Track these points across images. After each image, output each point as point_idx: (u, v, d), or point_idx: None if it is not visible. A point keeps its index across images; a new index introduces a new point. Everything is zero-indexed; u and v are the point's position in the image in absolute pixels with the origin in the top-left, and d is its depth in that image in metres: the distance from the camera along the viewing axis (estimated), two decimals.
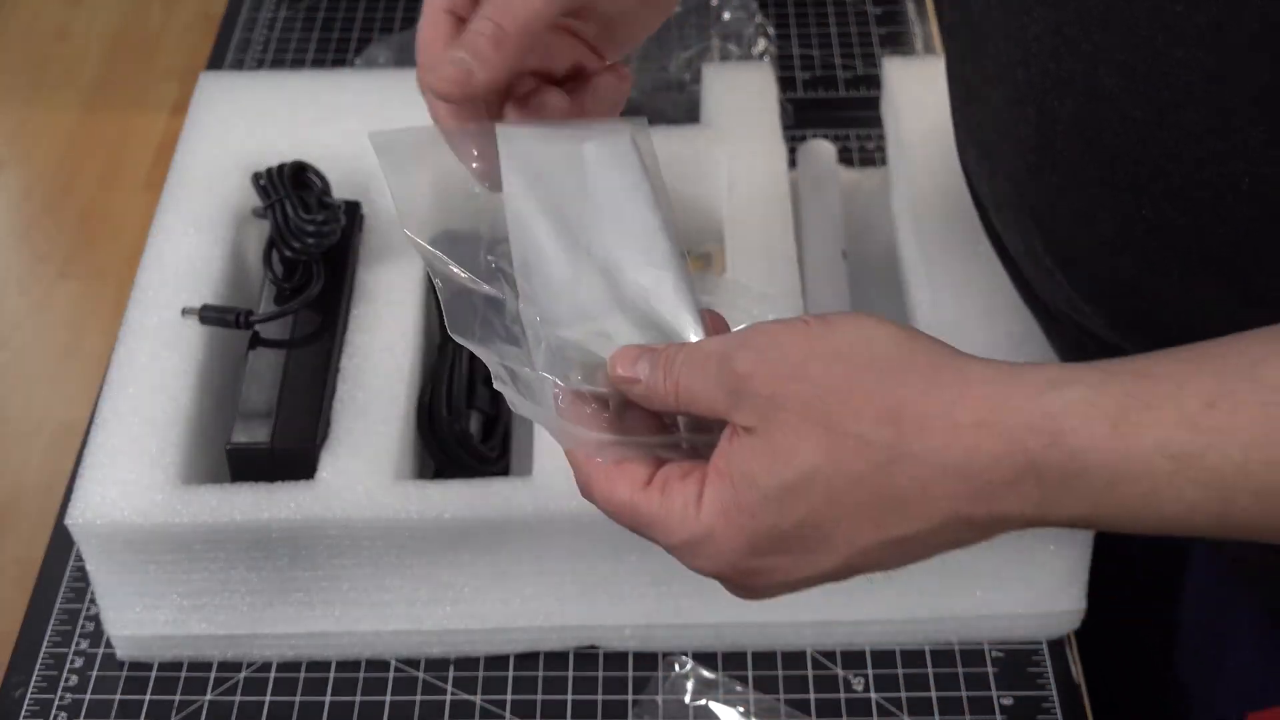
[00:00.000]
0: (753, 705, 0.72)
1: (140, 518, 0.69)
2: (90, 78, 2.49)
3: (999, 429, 0.43)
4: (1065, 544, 0.73)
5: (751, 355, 0.47)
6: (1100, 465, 0.43)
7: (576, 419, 0.50)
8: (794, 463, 0.45)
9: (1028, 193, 0.59)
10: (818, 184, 0.90)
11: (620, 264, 0.52)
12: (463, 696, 0.74)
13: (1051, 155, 0.56)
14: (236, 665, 0.75)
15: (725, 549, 0.47)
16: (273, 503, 0.70)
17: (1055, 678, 0.73)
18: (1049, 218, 0.58)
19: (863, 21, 1.15)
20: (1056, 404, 0.43)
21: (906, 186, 0.84)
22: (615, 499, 0.49)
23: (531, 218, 0.53)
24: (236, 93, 0.90)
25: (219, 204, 0.83)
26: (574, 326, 0.51)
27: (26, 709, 0.73)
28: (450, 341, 0.79)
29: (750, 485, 0.46)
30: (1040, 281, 0.63)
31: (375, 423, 0.73)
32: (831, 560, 0.47)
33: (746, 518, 0.46)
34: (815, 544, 0.47)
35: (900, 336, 0.47)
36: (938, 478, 0.44)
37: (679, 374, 0.48)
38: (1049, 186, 0.57)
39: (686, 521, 0.48)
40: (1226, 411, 0.42)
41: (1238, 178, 0.49)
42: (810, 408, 0.45)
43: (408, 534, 0.70)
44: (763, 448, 0.46)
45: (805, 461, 0.45)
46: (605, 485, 0.50)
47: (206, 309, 0.76)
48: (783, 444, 0.46)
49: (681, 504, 0.48)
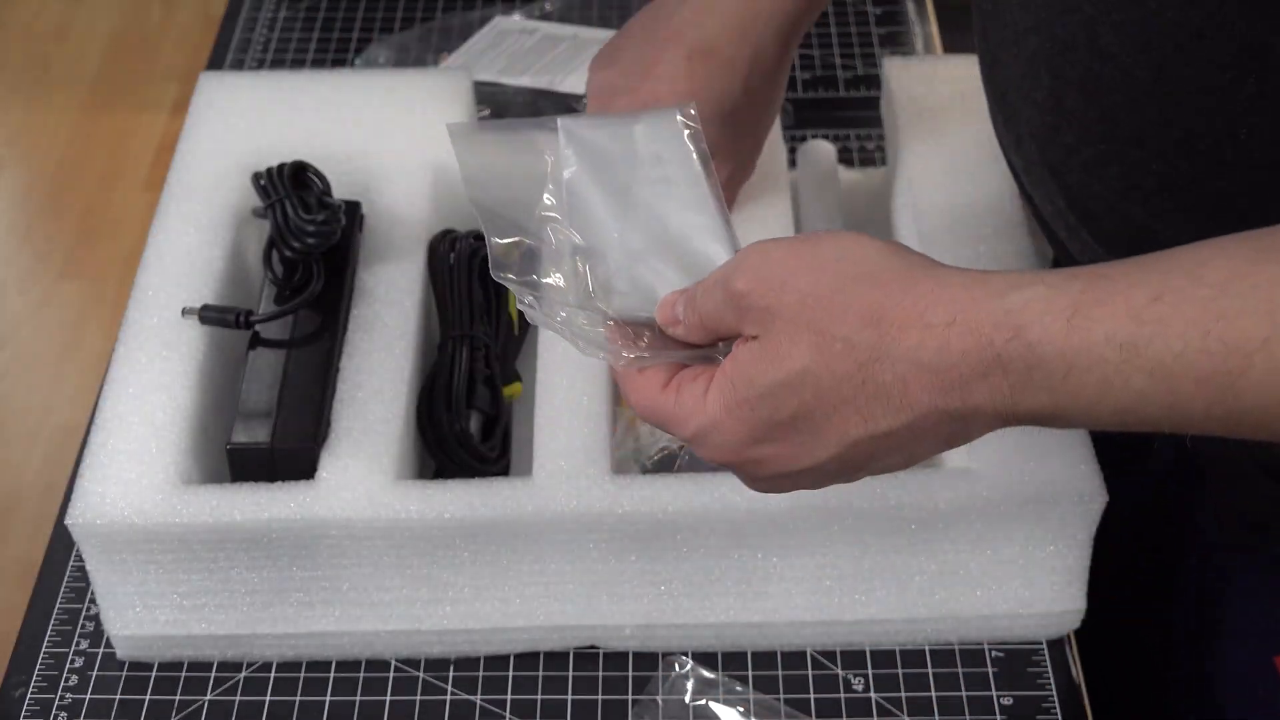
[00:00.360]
0: (753, 705, 0.72)
1: (140, 518, 0.69)
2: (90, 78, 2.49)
3: (967, 326, 0.48)
4: (1065, 544, 0.73)
5: (748, 274, 0.53)
6: (1056, 356, 0.47)
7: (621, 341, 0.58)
8: (786, 364, 0.51)
9: (1048, 152, 0.62)
10: (818, 184, 0.90)
11: (665, 214, 0.60)
12: (463, 696, 0.74)
13: (1064, 115, 0.59)
14: (236, 665, 0.75)
15: (730, 438, 0.53)
16: (273, 503, 0.70)
17: (1055, 678, 0.73)
18: (1067, 174, 0.62)
19: (863, 21, 1.15)
20: (1018, 301, 0.48)
21: (906, 186, 0.84)
22: (640, 401, 0.56)
23: (586, 185, 0.60)
24: (236, 93, 0.90)
25: (219, 204, 0.83)
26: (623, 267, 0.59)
27: (27, 709, 0.74)
28: (450, 341, 0.79)
29: (749, 383, 0.52)
30: (1071, 241, 0.66)
31: (375, 423, 0.73)
32: (826, 450, 0.52)
33: (746, 410, 0.52)
34: (808, 435, 0.52)
35: (882, 248, 0.52)
36: (915, 372, 0.49)
37: (699, 305, 0.55)
38: (1064, 145, 0.61)
39: (695, 414, 0.54)
40: (1169, 305, 0.46)
41: (1234, 129, 0.53)
42: (800, 314, 0.51)
43: (408, 534, 0.70)
44: (760, 351, 0.52)
45: (796, 362, 0.51)
46: (632, 391, 0.57)
47: (206, 309, 0.77)
48: (777, 348, 0.51)
49: (692, 400, 0.54)
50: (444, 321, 0.80)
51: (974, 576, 0.73)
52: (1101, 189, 0.60)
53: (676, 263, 0.59)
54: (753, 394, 0.52)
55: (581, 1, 1.16)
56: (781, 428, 0.52)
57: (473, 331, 0.80)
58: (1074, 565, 0.73)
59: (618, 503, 0.70)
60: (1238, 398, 0.45)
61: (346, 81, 0.91)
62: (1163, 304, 0.46)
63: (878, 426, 0.51)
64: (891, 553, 0.72)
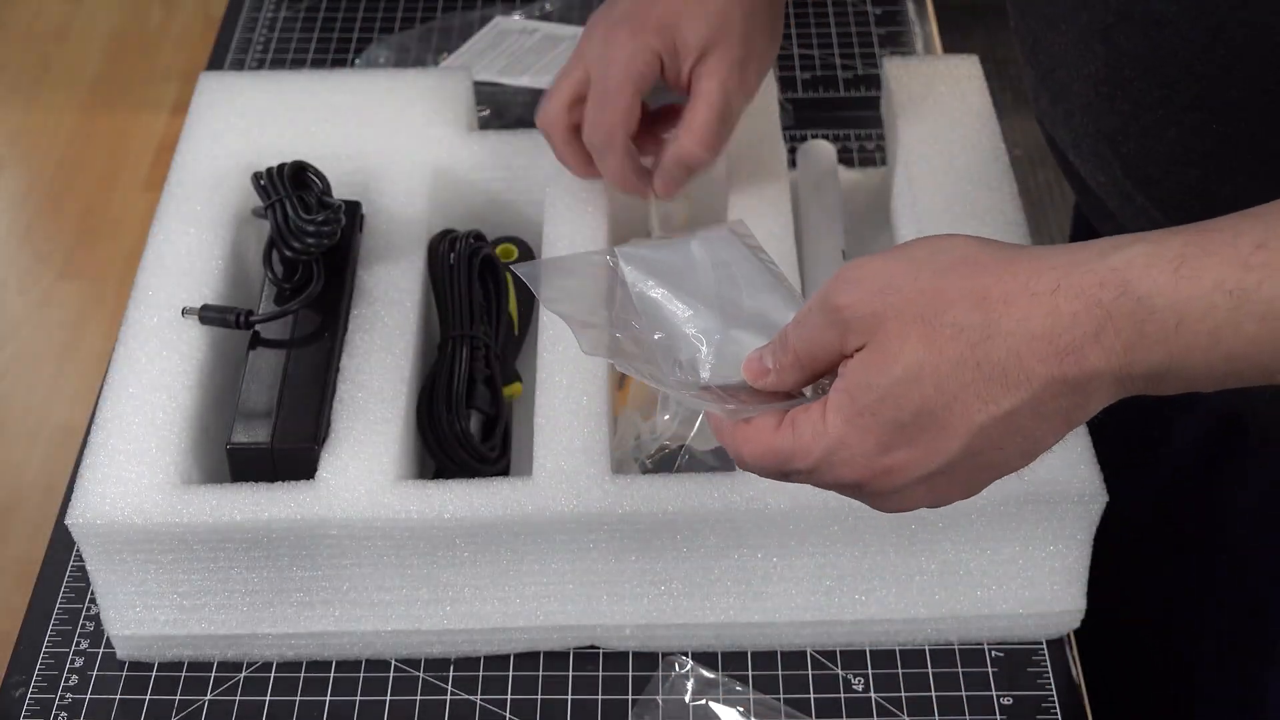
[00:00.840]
0: (753, 705, 0.72)
1: (140, 518, 0.69)
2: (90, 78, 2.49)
3: (1073, 290, 0.48)
4: (1065, 544, 0.73)
5: (847, 288, 0.52)
6: (1167, 308, 0.47)
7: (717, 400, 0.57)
8: (901, 359, 0.50)
9: (1103, 122, 0.64)
10: (818, 184, 0.90)
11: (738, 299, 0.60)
12: (463, 696, 0.74)
13: (1120, 84, 0.61)
14: (236, 665, 0.75)
15: (858, 451, 0.52)
16: (273, 503, 0.70)
17: (1055, 678, 0.73)
18: (1123, 142, 0.63)
19: (863, 21, 1.15)
20: (1120, 260, 0.48)
21: (906, 186, 0.84)
22: (755, 451, 0.54)
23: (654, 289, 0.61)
24: (236, 93, 0.90)
25: (219, 204, 0.83)
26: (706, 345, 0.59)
27: (27, 709, 0.74)
28: (450, 341, 0.79)
29: (866, 389, 0.51)
30: (1123, 210, 0.67)
31: (375, 423, 0.73)
32: (954, 443, 0.51)
33: (869, 417, 0.51)
34: (935, 430, 0.51)
35: (971, 239, 0.52)
36: (1028, 344, 0.49)
37: (793, 342, 0.54)
38: (1120, 113, 0.62)
39: (818, 438, 0.53)
40: (1276, 250, 0.46)
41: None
42: (906, 311, 0.50)
43: (408, 534, 0.70)
44: (871, 356, 0.51)
45: (910, 356, 0.50)
46: (743, 443, 0.55)
47: (206, 309, 0.77)
48: (888, 347, 0.51)
49: (810, 428, 0.53)
50: (444, 321, 0.80)
51: (974, 576, 0.73)
52: (1161, 152, 0.61)
53: (758, 332, 0.58)
54: (873, 399, 0.51)
55: (581, 1, 1.16)
56: (907, 429, 0.51)
57: (473, 331, 0.80)
58: (1074, 565, 0.73)
59: (618, 503, 0.70)
60: None
61: (346, 81, 0.91)
62: (1268, 250, 0.46)
63: (1000, 407, 0.50)
64: (891, 553, 0.72)
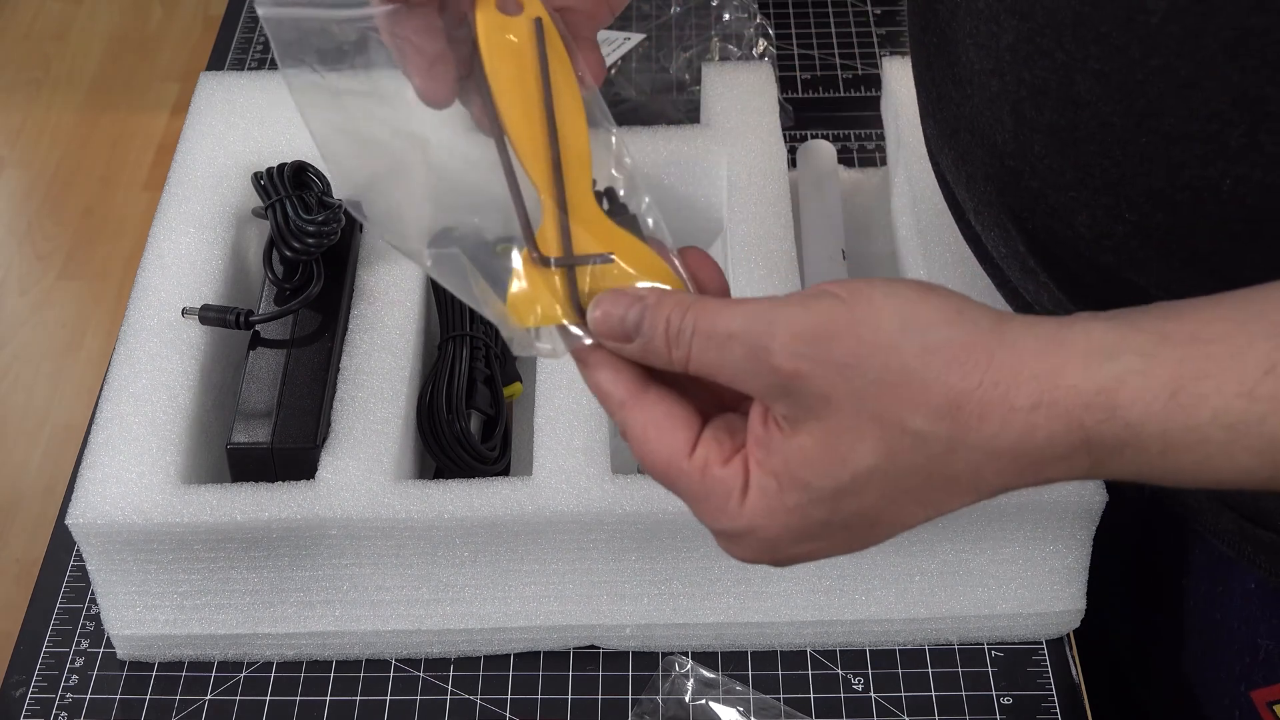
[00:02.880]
0: (753, 705, 0.72)
1: (140, 518, 0.69)
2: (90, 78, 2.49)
3: (1055, 410, 0.43)
4: (1065, 544, 0.73)
5: (797, 349, 0.45)
6: (1155, 436, 0.42)
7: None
8: (850, 464, 0.45)
9: (1008, 196, 0.59)
10: (818, 184, 0.90)
11: None
12: (463, 696, 0.74)
13: (1030, 160, 0.56)
14: (236, 665, 0.75)
15: (768, 543, 0.47)
16: (273, 503, 0.70)
17: (1055, 678, 0.73)
18: (1030, 219, 0.58)
19: (863, 21, 1.15)
20: (1111, 377, 0.43)
21: (906, 186, 0.84)
22: (656, 467, 0.48)
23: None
24: (236, 93, 0.90)
25: (219, 204, 0.83)
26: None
27: (27, 709, 0.74)
28: (450, 341, 0.79)
29: (801, 488, 0.45)
30: (1024, 282, 0.63)
31: (375, 423, 0.73)
32: (876, 537, 0.47)
33: (795, 517, 0.46)
34: (862, 529, 0.47)
35: (949, 313, 0.45)
36: (989, 460, 0.44)
37: (693, 350, 0.46)
38: (1028, 190, 0.57)
39: (727, 512, 0.47)
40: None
41: (1218, 180, 0.50)
42: (864, 404, 0.44)
43: (408, 534, 0.70)
44: (814, 449, 0.45)
45: (861, 462, 0.45)
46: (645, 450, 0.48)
47: (206, 309, 0.77)
48: (836, 445, 0.45)
49: (723, 494, 0.47)
50: (444, 321, 0.81)
51: (974, 576, 0.73)
52: (1069, 236, 0.56)
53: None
54: (805, 499, 0.46)
55: None
56: (832, 526, 0.46)
57: (473, 331, 0.80)
58: (1074, 565, 0.73)
59: (618, 503, 0.70)
60: None
61: None
62: (1275, 377, 0.41)
63: (938, 509, 0.46)
64: (891, 553, 0.72)
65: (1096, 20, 0.49)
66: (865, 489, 0.45)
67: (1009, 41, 0.53)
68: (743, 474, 0.47)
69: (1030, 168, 0.56)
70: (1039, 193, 0.56)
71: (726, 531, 0.48)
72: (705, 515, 0.48)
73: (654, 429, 0.48)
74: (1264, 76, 0.46)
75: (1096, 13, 0.49)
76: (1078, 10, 0.50)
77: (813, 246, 0.86)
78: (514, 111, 0.52)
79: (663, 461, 0.47)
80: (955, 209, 0.68)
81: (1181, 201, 0.51)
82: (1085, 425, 0.43)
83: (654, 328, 0.47)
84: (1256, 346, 0.42)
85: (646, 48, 1.08)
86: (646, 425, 0.48)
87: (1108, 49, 0.50)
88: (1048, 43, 0.52)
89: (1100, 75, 0.50)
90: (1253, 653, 0.71)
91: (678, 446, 0.47)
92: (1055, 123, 0.53)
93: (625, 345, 0.48)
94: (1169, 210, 0.52)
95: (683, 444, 0.47)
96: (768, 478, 0.46)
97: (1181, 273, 0.53)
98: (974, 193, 0.62)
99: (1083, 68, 0.51)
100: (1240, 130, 0.48)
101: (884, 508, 0.46)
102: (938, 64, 0.61)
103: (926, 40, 0.62)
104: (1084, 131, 0.52)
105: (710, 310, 0.46)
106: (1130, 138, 0.51)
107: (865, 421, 0.44)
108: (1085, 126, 0.52)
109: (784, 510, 0.46)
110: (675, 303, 0.47)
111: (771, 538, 0.47)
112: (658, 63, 1.06)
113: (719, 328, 0.46)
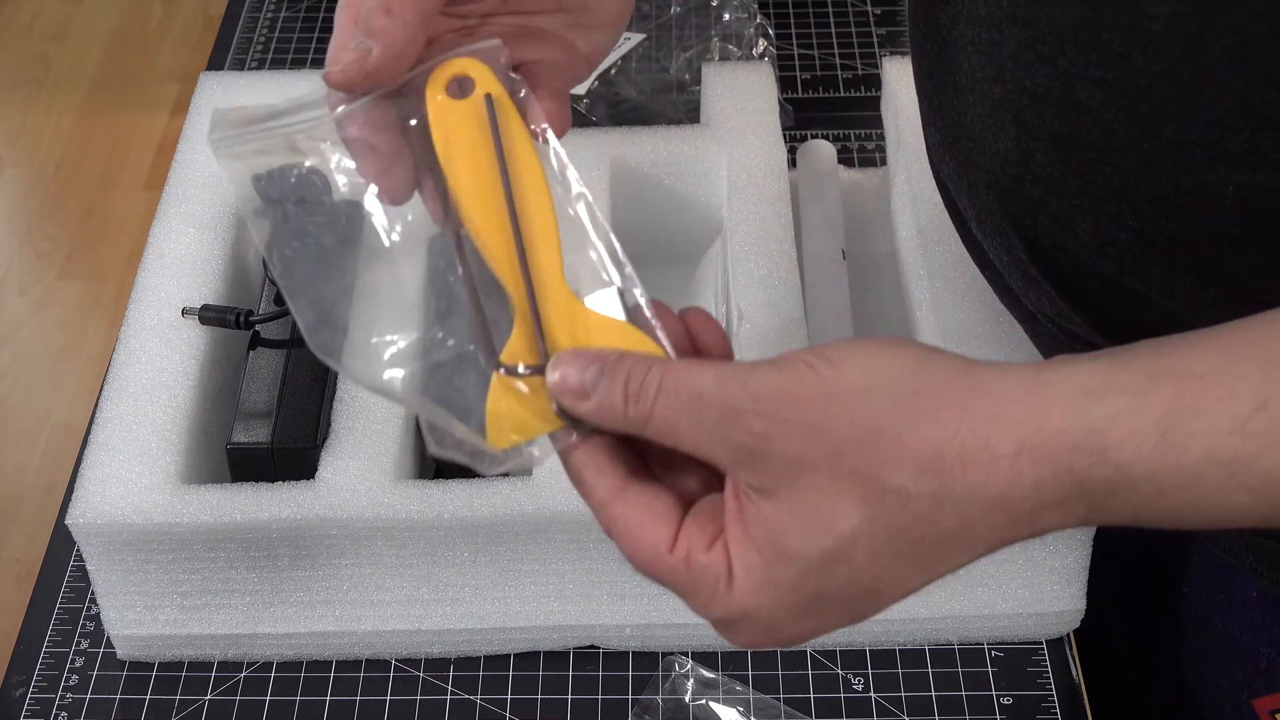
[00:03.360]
0: (753, 705, 0.72)
1: (140, 518, 0.69)
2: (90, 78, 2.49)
3: (1041, 453, 0.42)
4: (1065, 544, 0.73)
5: (766, 413, 0.43)
6: (1147, 478, 0.41)
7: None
8: (833, 528, 0.43)
9: (1010, 204, 0.58)
10: (818, 184, 0.90)
11: None
12: (463, 696, 0.74)
13: (1032, 168, 0.55)
14: (236, 665, 0.75)
15: (765, 624, 0.46)
16: (273, 503, 0.70)
17: (1055, 678, 0.73)
18: (1032, 227, 0.58)
19: (863, 21, 1.15)
20: (1100, 419, 0.41)
21: (906, 186, 0.84)
22: (641, 561, 0.47)
23: None
24: (236, 93, 0.90)
25: (219, 204, 0.83)
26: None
27: (27, 709, 0.74)
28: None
29: (787, 560, 0.44)
30: (1025, 290, 0.63)
31: (375, 423, 0.73)
32: (877, 606, 0.46)
33: (786, 593, 0.44)
34: (861, 600, 0.45)
35: (911, 365, 0.44)
36: (982, 512, 0.43)
37: (655, 406, 0.45)
38: (1030, 198, 0.56)
39: (718, 599, 0.45)
40: (1277, 414, 0.41)
41: (1220, 186, 0.49)
42: (841, 464, 0.43)
43: (408, 534, 0.70)
44: (792, 516, 0.44)
45: (844, 525, 0.43)
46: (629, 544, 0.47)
47: (206, 309, 0.77)
48: (815, 509, 0.43)
49: (711, 582, 0.45)
50: None
51: (974, 576, 0.73)
52: (1071, 243, 0.56)
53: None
54: (793, 571, 0.44)
55: None
56: (828, 600, 0.45)
57: None
58: (1074, 565, 0.73)
59: None
60: None
61: None
62: (1268, 413, 0.40)
63: (937, 572, 0.44)
64: None
65: (1098, 27, 0.49)
66: (853, 553, 0.43)
67: (1011, 49, 0.53)
68: (725, 557, 0.45)
69: (1032, 175, 0.55)
70: (1041, 200, 0.56)
71: (722, 619, 0.46)
72: (698, 606, 0.46)
73: (635, 527, 0.46)
74: (1265, 82, 0.47)
75: (1098, 20, 0.49)
76: (1080, 17, 0.50)
77: (813, 246, 0.86)
78: (473, 202, 0.50)
79: (648, 559, 0.46)
80: (957, 218, 0.68)
81: (1184, 207, 0.51)
82: (1075, 469, 0.42)
83: (612, 383, 0.46)
84: (1248, 381, 0.41)
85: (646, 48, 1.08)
86: (628, 524, 0.46)
87: (1109, 56, 0.49)
88: (1050, 50, 0.51)
89: (1102, 82, 0.50)
90: (1254, 661, 0.71)
91: (659, 543, 0.46)
92: (1057, 130, 0.53)
93: (582, 404, 0.46)
94: (1171, 216, 0.51)
95: (663, 539, 0.46)
96: (751, 553, 0.45)
97: (1184, 279, 0.53)
98: (975, 201, 0.62)
99: (1084, 75, 0.50)
100: (1242, 136, 0.48)
101: (878, 573, 0.44)
102: (939, 72, 0.60)
103: (928, 48, 0.62)
104: (1086, 139, 0.52)
105: (679, 369, 0.45)
106: (1132, 144, 0.51)
107: (843, 483, 0.43)
108: (1087, 134, 0.52)
109: (773, 586, 0.44)
110: (638, 360, 0.46)
111: (767, 618, 0.45)
112: (658, 63, 1.07)
113: (688, 387, 0.44)
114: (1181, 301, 0.54)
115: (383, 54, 0.50)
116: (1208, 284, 0.53)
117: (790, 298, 0.78)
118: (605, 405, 0.46)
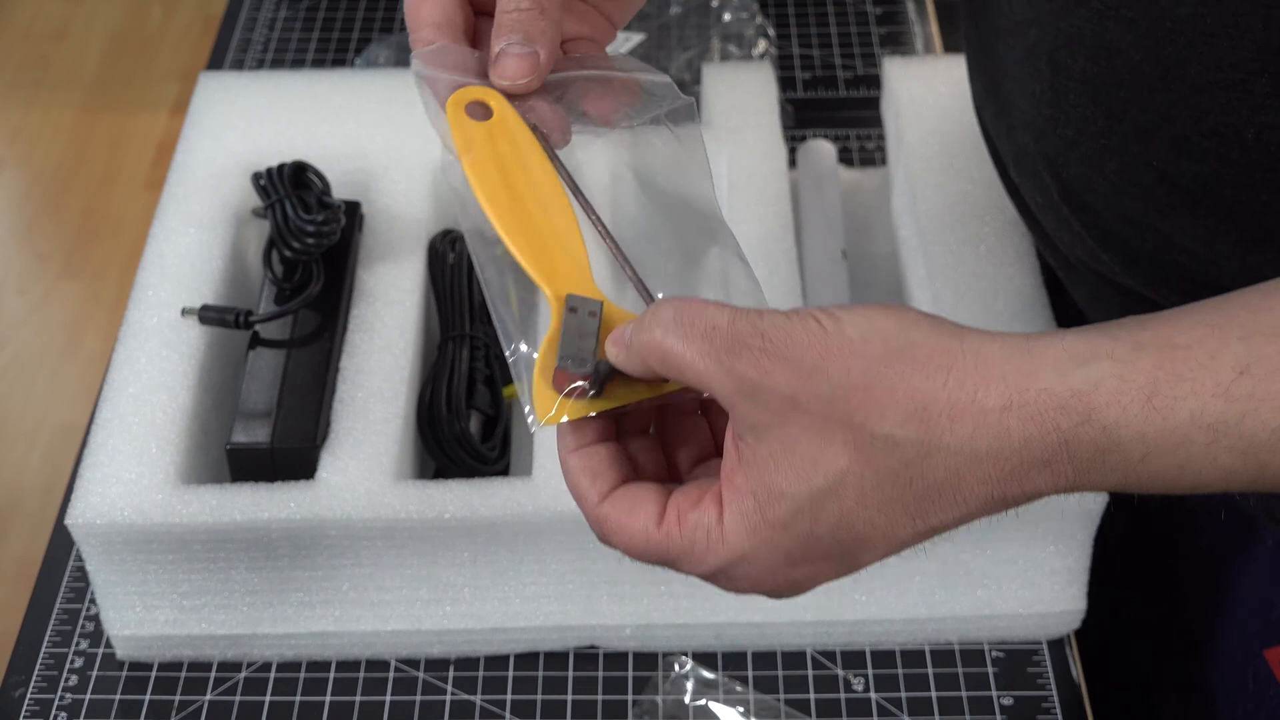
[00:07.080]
0: (753, 705, 0.72)
1: (140, 518, 0.69)
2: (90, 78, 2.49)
3: (1029, 411, 0.43)
4: (1065, 544, 0.73)
5: (771, 351, 0.45)
6: (1135, 439, 0.43)
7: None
8: (822, 467, 0.44)
9: (1044, 143, 0.61)
10: (818, 184, 0.90)
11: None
12: (463, 696, 0.74)
13: (1065, 108, 0.58)
14: (236, 665, 0.75)
15: (762, 566, 0.46)
16: (273, 503, 0.70)
17: (1055, 678, 0.73)
18: (1064, 167, 0.61)
19: (863, 21, 1.15)
20: (1084, 381, 0.43)
21: (906, 186, 0.84)
22: (631, 545, 0.48)
23: None
24: (236, 93, 0.90)
25: (219, 204, 0.83)
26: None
27: (27, 709, 0.74)
28: (450, 341, 0.79)
29: (777, 498, 0.45)
30: (1059, 232, 0.65)
31: (375, 423, 0.73)
32: (872, 556, 0.47)
33: (778, 531, 0.45)
34: (853, 545, 0.46)
35: (907, 323, 0.46)
36: (970, 465, 0.44)
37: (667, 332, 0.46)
38: (1062, 137, 0.59)
39: (713, 548, 0.46)
40: (1260, 377, 0.42)
41: (1243, 128, 0.51)
42: (832, 409, 0.44)
43: (408, 534, 0.70)
44: (784, 455, 0.45)
45: (833, 465, 0.44)
46: (615, 532, 0.48)
47: (206, 309, 0.76)
48: (807, 448, 0.44)
49: (704, 533, 0.46)
50: (444, 322, 0.80)
51: (974, 576, 0.73)
52: (1100, 182, 0.59)
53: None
54: (784, 510, 0.45)
55: None
56: (821, 543, 0.46)
57: (472, 331, 0.80)
58: (1074, 565, 0.73)
59: None
60: None
61: (346, 81, 0.91)
62: (1251, 377, 0.42)
63: (927, 523, 0.45)
64: None
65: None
66: (842, 492, 0.45)
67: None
68: (716, 506, 0.46)
69: (1065, 115, 0.58)
70: (1073, 140, 0.59)
71: (715, 568, 0.47)
72: (693, 564, 0.47)
73: (624, 515, 0.48)
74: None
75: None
76: None
77: (813, 246, 0.86)
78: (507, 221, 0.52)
79: (639, 540, 0.48)
80: (998, 163, 0.71)
81: (1207, 149, 0.53)
82: (1061, 428, 0.43)
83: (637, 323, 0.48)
84: (1230, 348, 0.43)
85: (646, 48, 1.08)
86: (617, 515, 0.48)
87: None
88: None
89: (1131, 23, 0.53)
90: (1267, 611, 0.71)
91: (647, 523, 0.48)
92: (1089, 70, 0.56)
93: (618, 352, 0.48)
94: (1194, 158, 0.54)
95: (651, 516, 0.48)
96: (745, 499, 0.46)
97: (1206, 220, 0.55)
98: (1013, 142, 0.65)
99: (1115, 15, 0.53)
100: (1265, 80, 0.50)
101: (869, 517, 0.45)
102: (983, 20, 0.64)
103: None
104: (1115, 79, 0.55)
105: (697, 304, 0.47)
106: (1158, 85, 0.53)
107: (833, 425, 0.44)
108: (1117, 74, 0.54)
109: (767, 525, 0.45)
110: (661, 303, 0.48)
111: (763, 560, 0.46)
112: (658, 63, 1.06)
113: (705, 320, 0.46)
114: (1203, 242, 0.56)
115: (548, 55, 0.54)
116: (1229, 225, 0.55)
117: (790, 298, 0.78)
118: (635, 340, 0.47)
